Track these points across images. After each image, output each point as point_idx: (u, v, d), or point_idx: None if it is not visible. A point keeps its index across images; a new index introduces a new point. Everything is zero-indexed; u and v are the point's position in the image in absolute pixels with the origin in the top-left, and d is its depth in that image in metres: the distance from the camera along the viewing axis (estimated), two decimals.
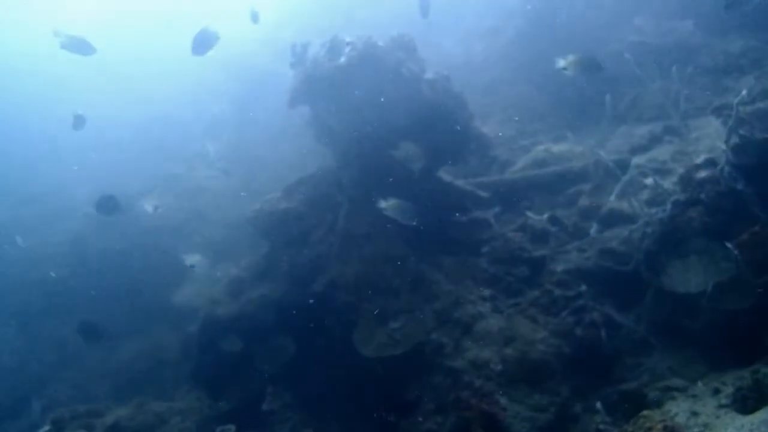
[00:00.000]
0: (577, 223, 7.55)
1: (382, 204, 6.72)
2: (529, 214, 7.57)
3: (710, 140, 8.31)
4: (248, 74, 16.41)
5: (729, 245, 5.19)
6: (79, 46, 7.75)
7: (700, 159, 6.36)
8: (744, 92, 5.93)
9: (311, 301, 8.40)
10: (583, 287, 6.60)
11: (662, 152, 8.46)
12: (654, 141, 8.92)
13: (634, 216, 7.23)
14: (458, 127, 7.88)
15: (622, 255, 6.67)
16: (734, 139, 5.73)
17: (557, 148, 9.22)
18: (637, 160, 8.09)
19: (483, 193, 8.67)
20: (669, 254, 6.19)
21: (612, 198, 6.69)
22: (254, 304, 8.89)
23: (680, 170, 7.79)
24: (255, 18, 8.90)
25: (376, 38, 7.39)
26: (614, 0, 11.71)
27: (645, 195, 7.48)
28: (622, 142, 9.35)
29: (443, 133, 7.88)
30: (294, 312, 8.55)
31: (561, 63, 6.01)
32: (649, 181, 7.74)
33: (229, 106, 17.06)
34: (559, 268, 7.01)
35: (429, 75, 7.67)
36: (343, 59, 7.35)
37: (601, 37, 11.59)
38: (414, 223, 7.05)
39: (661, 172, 7.79)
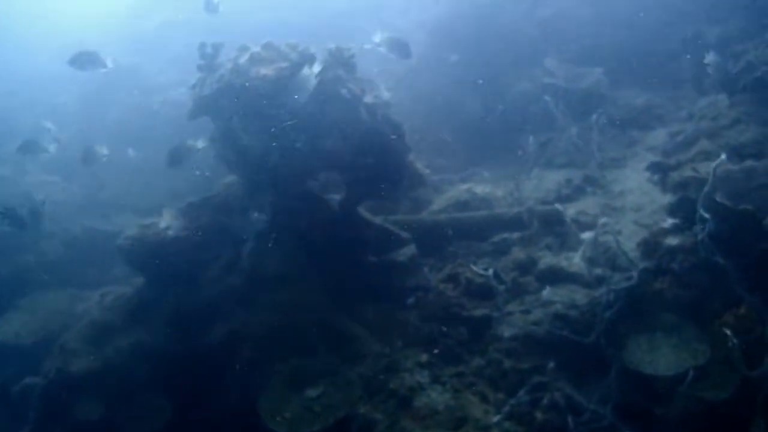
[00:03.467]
0: (516, 279, 6.89)
1: None
2: (474, 267, 6.78)
3: (636, 196, 8.14)
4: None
5: (727, 331, 4.74)
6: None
7: (665, 223, 5.97)
8: (723, 156, 5.61)
9: (203, 354, 6.93)
10: (539, 360, 5.91)
11: (589, 204, 8.15)
12: (577, 191, 8.62)
13: (578, 275, 6.76)
14: (393, 161, 6.91)
15: (577, 323, 6.08)
16: (712, 206, 5.36)
17: (480, 189, 8.59)
18: (568, 212, 7.65)
19: (404, 234, 7.76)
20: (633, 329, 5.71)
21: (577, 259, 6.12)
22: (123, 354, 7.17)
23: (615, 226, 7.58)
24: (212, 7, 7.28)
25: (313, 51, 6.19)
26: (527, 39, 11.46)
27: (588, 252, 7.05)
28: (543, 189, 8.97)
29: (376, 166, 6.86)
30: (177, 367, 7.00)
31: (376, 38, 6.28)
32: (586, 235, 7.35)
33: (75, 100, 14.70)
34: (506, 333, 6.28)
35: (368, 98, 6.62)
36: (272, 72, 6.05)
37: (512, 74, 11.32)
38: None
39: (593, 227, 7.41)
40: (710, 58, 5.37)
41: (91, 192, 12.08)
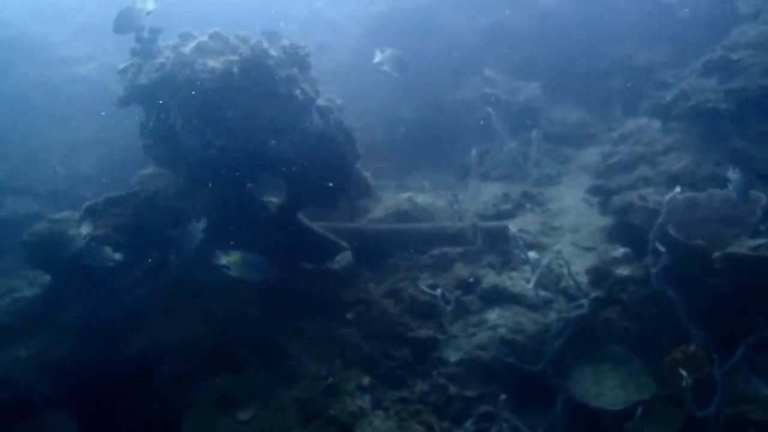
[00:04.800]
0: (459, 299, 6.70)
1: (222, 259, 5.29)
2: (421, 285, 6.52)
3: (573, 216, 8.20)
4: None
5: (682, 371, 4.74)
6: None
7: (616, 252, 5.95)
8: (678, 188, 5.64)
9: (117, 368, 6.26)
10: (485, 387, 5.75)
11: (529, 222, 8.12)
12: (517, 207, 8.57)
13: (521, 296, 6.67)
14: (342, 168, 6.53)
15: (524, 349, 5.97)
16: (664, 239, 5.38)
17: (422, 199, 8.35)
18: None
19: (343, 243, 7.39)
20: (580, 359, 5.66)
21: (530, 285, 5.98)
22: (22, 366, 6.36)
23: (554, 246, 7.58)
24: None
25: (267, 45, 5.67)
26: (468, 46, 11.32)
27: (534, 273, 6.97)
28: (481, 202, 8.87)
29: (323, 172, 6.45)
30: (86, 381, 6.29)
31: (377, 57, 5.98)
32: (530, 255, 7.29)
33: None
34: (452, 357, 6.07)
35: (321, 101, 6.19)
36: (220, 65, 5.48)
37: (451, 81, 11.16)
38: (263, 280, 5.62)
39: (535, 247, 7.38)
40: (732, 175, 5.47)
41: None
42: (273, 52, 5.65)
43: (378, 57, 6.17)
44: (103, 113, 10.32)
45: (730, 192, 5.49)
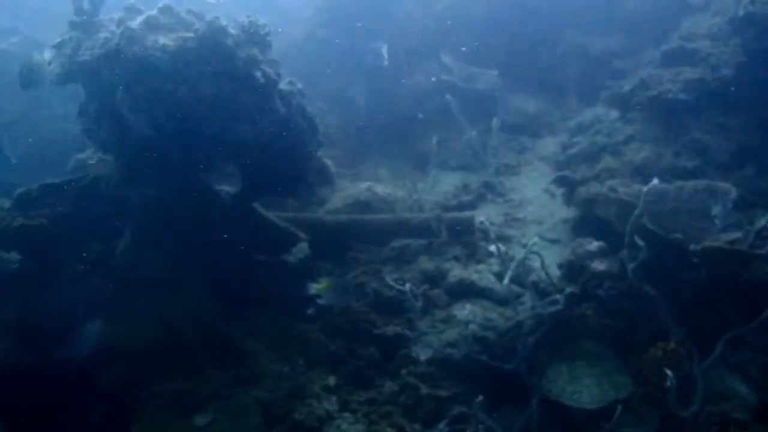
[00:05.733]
0: (426, 293, 6.44)
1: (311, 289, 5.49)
2: (389, 280, 6.22)
3: (535, 207, 8.08)
4: None
5: (668, 371, 4.62)
6: None
7: (591, 246, 5.80)
8: (655, 180, 5.52)
9: (55, 373, 5.71)
10: (458, 387, 5.53)
11: (491, 213, 7.93)
12: (478, 198, 8.38)
13: (489, 290, 6.48)
14: (303, 156, 6.14)
15: (495, 346, 5.77)
16: (642, 233, 5.26)
17: (381, 189, 8.04)
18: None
19: (302, 234, 7.01)
20: (554, 356, 5.51)
21: (505, 281, 5.76)
22: None
23: (519, 238, 7.43)
24: None
25: (225, 23, 5.19)
26: (421, 29, 11.00)
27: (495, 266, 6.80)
28: (441, 192, 8.64)
29: (285, 161, 6.04)
30: (19, 388, 5.71)
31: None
32: (492, 248, 7.11)
33: None
34: (422, 355, 5.81)
35: (283, 85, 5.76)
36: (172, 42, 4.98)
37: (405, 68, 10.82)
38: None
39: (501, 239, 7.19)
40: None
41: None
42: (232, 30, 5.18)
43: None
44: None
45: (716, 222, 5.45)
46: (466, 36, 11.19)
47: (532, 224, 7.68)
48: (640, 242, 5.11)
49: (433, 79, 10.28)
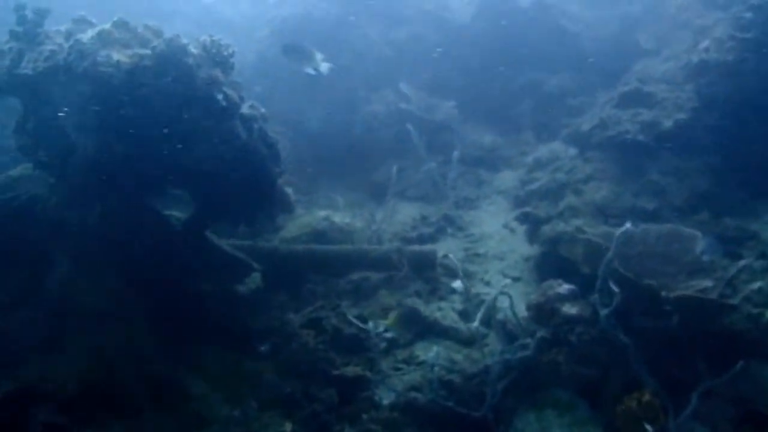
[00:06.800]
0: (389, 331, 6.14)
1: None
2: (351, 317, 5.90)
3: (495, 242, 7.95)
4: None
5: (648, 427, 4.45)
6: None
7: (561, 288, 5.64)
8: (628, 224, 5.43)
9: None
10: None
11: (451, 248, 7.75)
12: (438, 231, 8.19)
13: (452, 329, 6.26)
14: (262, 183, 5.79)
15: (462, 391, 5.51)
16: (615, 278, 5.14)
17: (339, 218, 7.74)
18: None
19: (255, 265, 6.63)
20: (522, 403, 5.29)
21: (476, 324, 5.52)
22: None
23: (482, 275, 7.24)
24: None
25: (186, 41, 4.83)
26: (381, 58, 10.87)
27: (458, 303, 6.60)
28: (399, 222, 8.41)
29: (244, 188, 5.68)
30: None
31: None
32: (457, 284, 6.92)
33: None
34: (384, 399, 5.50)
35: (245, 109, 5.43)
36: (128, 59, 4.58)
37: (362, 95, 10.64)
38: None
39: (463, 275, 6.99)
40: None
41: None
42: (193, 49, 4.82)
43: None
44: None
45: (703, 256, 5.41)
46: (423, 66, 11.15)
47: (493, 260, 7.53)
48: (615, 288, 4.99)
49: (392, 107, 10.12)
